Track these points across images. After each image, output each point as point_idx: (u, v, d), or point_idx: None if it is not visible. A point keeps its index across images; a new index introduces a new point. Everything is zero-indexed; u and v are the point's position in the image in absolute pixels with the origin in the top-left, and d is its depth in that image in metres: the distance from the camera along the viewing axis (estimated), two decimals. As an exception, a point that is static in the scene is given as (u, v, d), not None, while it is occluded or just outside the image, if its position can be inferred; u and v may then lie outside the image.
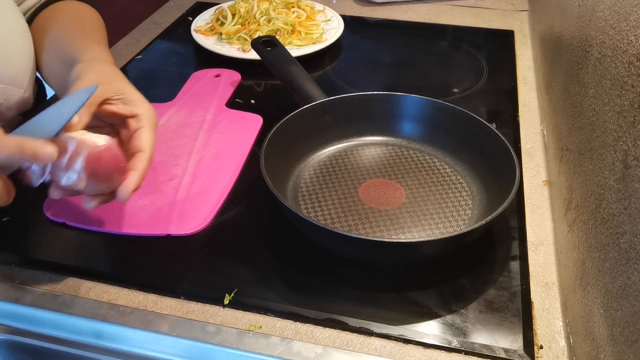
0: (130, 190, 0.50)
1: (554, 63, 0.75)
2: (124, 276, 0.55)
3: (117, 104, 0.54)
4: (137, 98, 0.56)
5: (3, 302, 0.52)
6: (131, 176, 0.51)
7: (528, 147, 0.74)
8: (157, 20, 1.08)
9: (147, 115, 0.55)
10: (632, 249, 0.38)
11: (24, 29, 0.63)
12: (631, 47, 0.43)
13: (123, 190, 0.50)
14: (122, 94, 0.55)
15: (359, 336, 0.49)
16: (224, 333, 0.49)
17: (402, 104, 0.70)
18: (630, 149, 0.41)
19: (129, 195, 0.50)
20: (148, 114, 0.55)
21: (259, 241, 0.59)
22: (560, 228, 0.58)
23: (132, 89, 0.56)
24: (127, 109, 0.55)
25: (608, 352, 0.40)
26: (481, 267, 0.56)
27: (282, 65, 0.76)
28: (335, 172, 0.66)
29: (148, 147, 0.53)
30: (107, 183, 0.49)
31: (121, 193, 0.50)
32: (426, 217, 0.60)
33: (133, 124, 0.54)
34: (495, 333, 0.49)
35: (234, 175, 0.66)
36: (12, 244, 0.58)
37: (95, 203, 0.51)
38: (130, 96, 0.55)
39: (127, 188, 0.50)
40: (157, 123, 0.57)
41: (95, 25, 0.68)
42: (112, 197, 0.51)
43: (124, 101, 0.55)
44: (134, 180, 0.51)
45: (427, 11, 1.13)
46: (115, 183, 0.50)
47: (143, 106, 0.55)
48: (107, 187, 0.50)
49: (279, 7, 1.00)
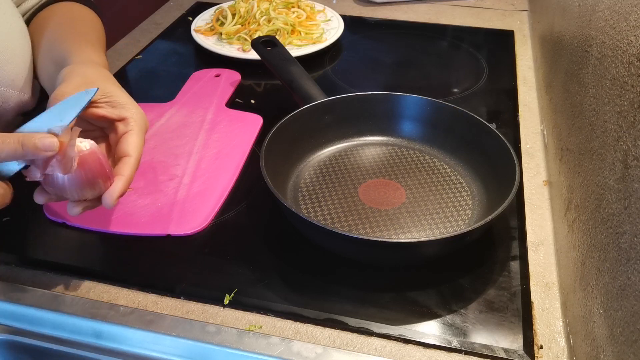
0: (115, 197, 0.49)
1: (554, 63, 0.75)
2: (124, 276, 0.55)
3: (105, 107, 0.53)
4: (125, 101, 0.54)
5: (3, 302, 0.52)
6: (117, 182, 0.50)
7: (528, 147, 0.74)
8: (157, 20, 1.08)
9: (136, 119, 0.54)
10: (632, 249, 0.38)
11: (22, 31, 0.63)
12: (631, 47, 0.43)
13: (108, 196, 0.49)
14: (109, 96, 0.53)
15: (359, 336, 0.49)
16: (224, 333, 0.49)
17: (402, 104, 0.70)
18: (630, 149, 0.41)
19: (113, 202, 0.49)
20: (136, 117, 0.54)
21: (259, 241, 0.59)
22: (560, 228, 0.58)
23: (120, 92, 0.55)
24: (114, 112, 0.53)
25: (608, 352, 0.40)
26: (481, 267, 0.56)
27: (282, 65, 0.76)
28: (335, 172, 0.66)
29: (135, 151, 0.52)
30: (91, 189, 0.48)
31: (106, 199, 0.49)
32: (426, 217, 0.60)
33: (121, 128, 0.53)
34: (495, 333, 0.49)
35: (234, 175, 0.66)
36: (12, 244, 0.58)
37: (79, 209, 0.49)
38: (118, 99, 0.54)
39: (111, 194, 0.49)
40: (146, 126, 0.55)
41: (91, 27, 0.67)
42: (98, 203, 0.50)
43: (111, 104, 0.53)
44: (119, 186, 0.49)
45: (427, 11, 1.13)
46: (100, 189, 0.49)
47: (132, 109, 0.54)
48: (92, 193, 0.49)
49: (279, 7, 1.00)
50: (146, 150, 0.69)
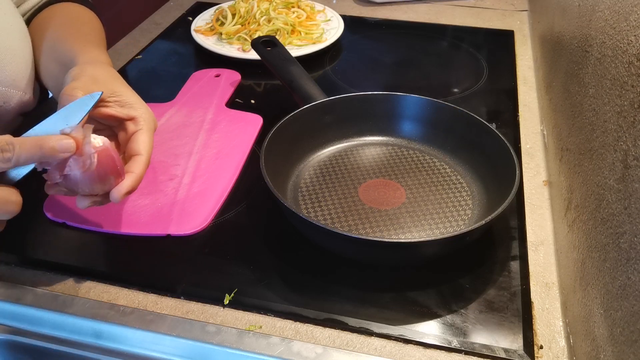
0: (123, 193, 0.50)
1: (554, 63, 0.75)
2: (124, 276, 0.55)
3: (114, 106, 0.54)
4: (134, 100, 0.55)
5: (3, 302, 0.52)
6: (127, 179, 0.50)
7: (528, 147, 0.74)
8: (157, 20, 1.08)
9: (145, 118, 0.54)
10: (632, 249, 0.38)
11: (23, 32, 0.63)
12: (631, 47, 0.43)
13: (116, 192, 0.49)
14: (117, 95, 0.54)
15: (359, 336, 0.49)
16: (224, 333, 0.49)
17: (402, 104, 0.70)
18: (630, 149, 0.41)
19: (121, 197, 0.49)
20: (145, 116, 0.55)
21: (259, 241, 0.59)
22: (560, 228, 0.58)
23: (128, 91, 0.56)
24: (123, 111, 0.54)
25: (608, 352, 0.40)
26: (481, 267, 0.56)
27: (282, 65, 0.76)
28: (335, 172, 0.66)
29: (145, 150, 0.53)
30: (102, 184, 0.49)
31: (114, 194, 0.49)
32: (426, 217, 0.60)
33: (131, 127, 0.54)
34: (495, 333, 0.49)
35: (234, 175, 0.66)
36: (12, 244, 0.58)
37: (88, 202, 0.50)
38: (126, 98, 0.55)
39: (120, 190, 0.49)
40: (155, 126, 0.56)
41: (92, 27, 0.68)
42: (107, 200, 0.51)
43: (120, 103, 0.54)
44: (129, 183, 0.50)
45: (427, 11, 1.13)
46: (110, 185, 0.50)
47: (141, 108, 0.55)
48: (102, 189, 0.50)
49: (279, 7, 1.00)
50: (146, 150, 0.69)
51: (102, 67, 0.58)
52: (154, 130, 0.56)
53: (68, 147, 0.46)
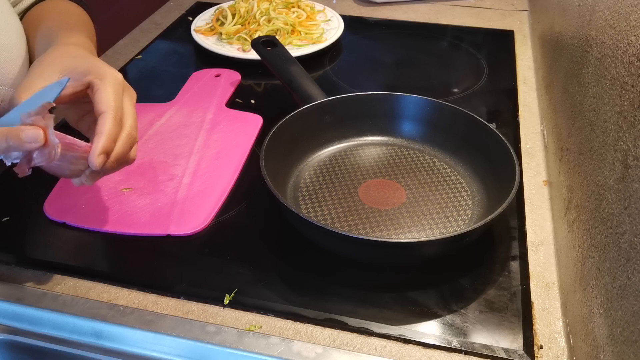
0: (97, 155, 0.48)
1: (554, 63, 0.75)
2: (124, 276, 0.55)
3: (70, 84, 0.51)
4: (87, 66, 0.52)
5: (3, 302, 0.52)
6: (95, 141, 0.48)
7: (528, 147, 0.74)
8: (157, 20, 1.08)
9: (100, 76, 0.51)
10: (632, 249, 0.38)
11: (19, 31, 0.63)
12: (631, 47, 0.43)
13: (91, 157, 0.48)
14: (69, 71, 0.51)
15: (359, 336, 0.49)
16: (224, 333, 0.49)
17: (402, 104, 0.70)
18: (630, 149, 0.41)
19: (98, 162, 0.48)
20: (99, 73, 0.52)
21: (259, 241, 0.59)
22: (560, 228, 0.58)
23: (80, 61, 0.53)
24: (78, 83, 0.52)
25: (608, 352, 0.40)
26: (481, 267, 0.56)
27: (282, 65, 0.76)
28: (335, 172, 0.66)
29: (107, 106, 0.50)
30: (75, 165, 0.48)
31: (91, 161, 0.48)
32: (426, 217, 0.60)
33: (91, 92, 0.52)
34: (495, 333, 0.49)
35: (234, 175, 0.66)
36: (12, 244, 0.58)
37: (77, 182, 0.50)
38: (78, 69, 0.52)
39: (93, 155, 0.48)
40: (115, 77, 0.52)
41: (78, 19, 0.67)
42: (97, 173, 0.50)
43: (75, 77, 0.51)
44: (99, 145, 0.48)
45: (427, 11, 1.13)
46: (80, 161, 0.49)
47: (93, 69, 0.52)
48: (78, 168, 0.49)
49: (279, 7, 1.00)
50: (146, 151, 0.69)
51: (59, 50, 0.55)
52: (114, 82, 0.52)
53: (35, 137, 0.44)
